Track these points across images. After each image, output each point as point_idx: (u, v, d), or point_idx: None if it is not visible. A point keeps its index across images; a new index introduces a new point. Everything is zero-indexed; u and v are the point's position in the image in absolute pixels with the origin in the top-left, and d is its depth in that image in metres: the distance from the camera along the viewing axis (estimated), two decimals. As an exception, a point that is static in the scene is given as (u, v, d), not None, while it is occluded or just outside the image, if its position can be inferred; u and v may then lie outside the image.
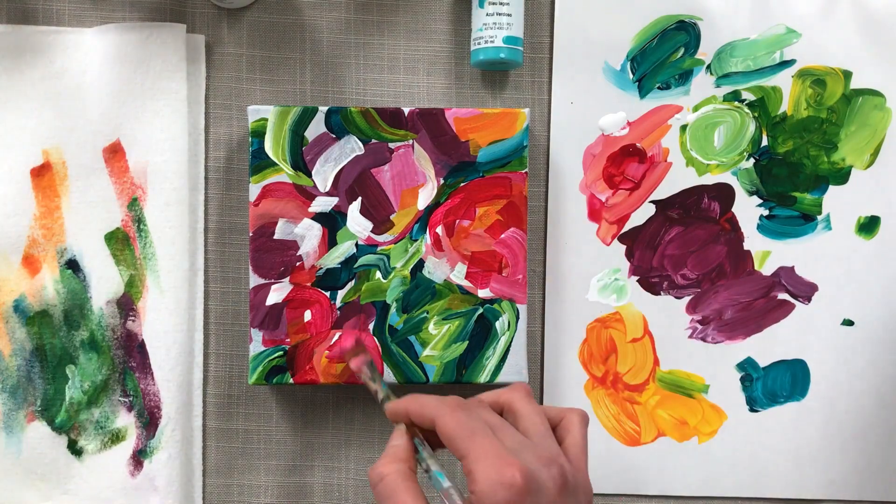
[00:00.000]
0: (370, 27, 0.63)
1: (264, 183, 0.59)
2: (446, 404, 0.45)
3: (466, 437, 0.43)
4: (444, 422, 0.44)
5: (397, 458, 0.45)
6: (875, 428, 0.64)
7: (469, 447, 0.42)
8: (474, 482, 0.41)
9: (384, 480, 0.44)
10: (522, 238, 0.60)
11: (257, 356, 0.59)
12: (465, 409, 0.44)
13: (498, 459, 0.41)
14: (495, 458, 0.41)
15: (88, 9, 0.62)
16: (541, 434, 0.44)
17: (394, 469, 0.44)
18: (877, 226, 0.63)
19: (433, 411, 0.45)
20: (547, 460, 0.42)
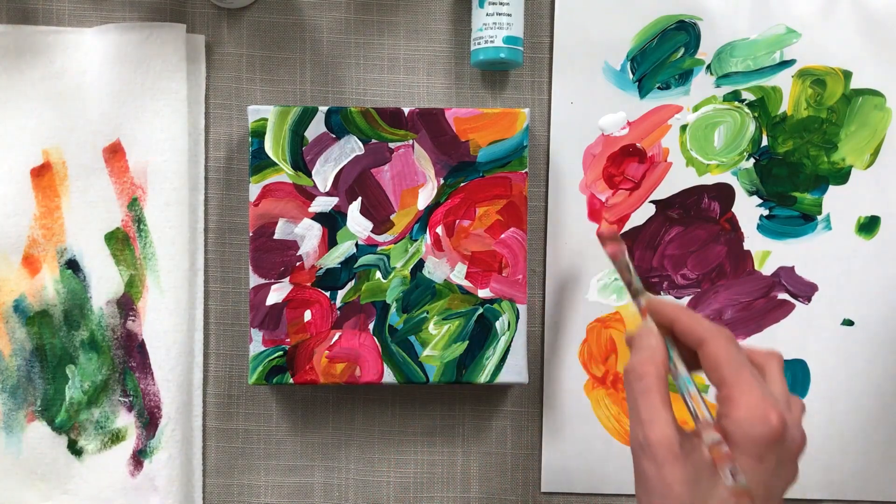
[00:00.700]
0: (370, 27, 0.63)
1: (264, 183, 0.59)
2: (719, 330, 0.46)
3: (736, 368, 0.44)
4: (716, 346, 0.45)
5: (655, 362, 0.46)
6: (875, 428, 0.64)
7: (737, 379, 0.44)
8: (735, 409, 0.43)
9: (643, 380, 0.45)
10: (522, 238, 0.60)
11: (257, 356, 0.59)
12: (735, 343, 0.46)
13: (763, 399, 0.43)
14: (761, 397, 0.43)
15: (88, 9, 0.62)
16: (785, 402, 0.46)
17: (653, 370, 0.45)
18: (877, 226, 0.63)
19: (705, 332, 0.46)
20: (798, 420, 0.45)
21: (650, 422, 0.44)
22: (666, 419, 0.44)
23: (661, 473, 0.43)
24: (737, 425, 0.43)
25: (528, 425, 0.64)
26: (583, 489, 0.63)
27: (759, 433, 0.43)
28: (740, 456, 0.43)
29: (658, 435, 0.44)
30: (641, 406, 0.45)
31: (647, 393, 0.45)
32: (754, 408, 0.43)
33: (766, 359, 0.48)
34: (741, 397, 0.44)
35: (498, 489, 0.64)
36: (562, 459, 0.63)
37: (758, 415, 0.43)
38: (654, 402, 0.45)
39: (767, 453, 0.43)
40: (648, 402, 0.45)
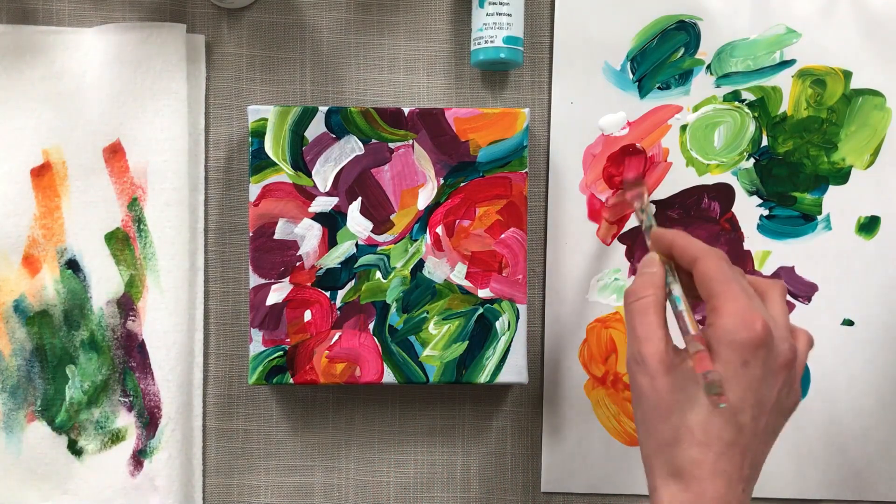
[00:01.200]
0: (370, 27, 0.63)
1: (264, 183, 0.59)
2: (712, 250, 0.48)
3: (724, 280, 0.46)
4: (707, 262, 0.47)
5: (654, 285, 0.49)
6: (875, 428, 0.64)
7: (723, 290, 0.46)
8: (719, 316, 0.45)
9: (641, 301, 0.48)
10: (522, 238, 0.60)
11: (257, 356, 0.59)
12: (727, 261, 0.48)
13: (748, 307, 0.45)
14: (745, 305, 0.45)
15: (88, 9, 0.62)
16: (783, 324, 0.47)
17: (651, 293, 0.48)
18: (877, 226, 0.63)
19: (698, 251, 0.48)
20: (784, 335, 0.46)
21: (645, 338, 0.47)
22: (660, 336, 0.47)
23: (654, 384, 0.46)
24: (721, 331, 0.45)
25: (528, 425, 0.64)
26: (583, 489, 0.63)
27: (742, 338, 0.44)
28: (725, 362, 0.44)
29: (652, 350, 0.46)
30: (638, 324, 0.48)
31: (644, 312, 0.48)
32: (738, 315, 0.45)
33: (768, 286, 0.49)
34: (725, 305, 0.45)
35: (498, 489, 0.64)
36: (562, 459, 0.63)
37: (741, 321, 0.44)
38: (651, 320, 0.47)
39: (752, 359, 0.44)
40: (645, 320, 0.47)
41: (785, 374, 0.46)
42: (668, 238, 0.51)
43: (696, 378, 0.45)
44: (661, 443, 0.46)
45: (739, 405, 0.44)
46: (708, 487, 0.44)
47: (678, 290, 0.49)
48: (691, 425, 0.45)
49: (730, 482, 0.44)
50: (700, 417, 0.45)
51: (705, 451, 0.44)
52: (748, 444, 0.45)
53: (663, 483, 0.46)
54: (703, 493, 0.44)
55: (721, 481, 0.44)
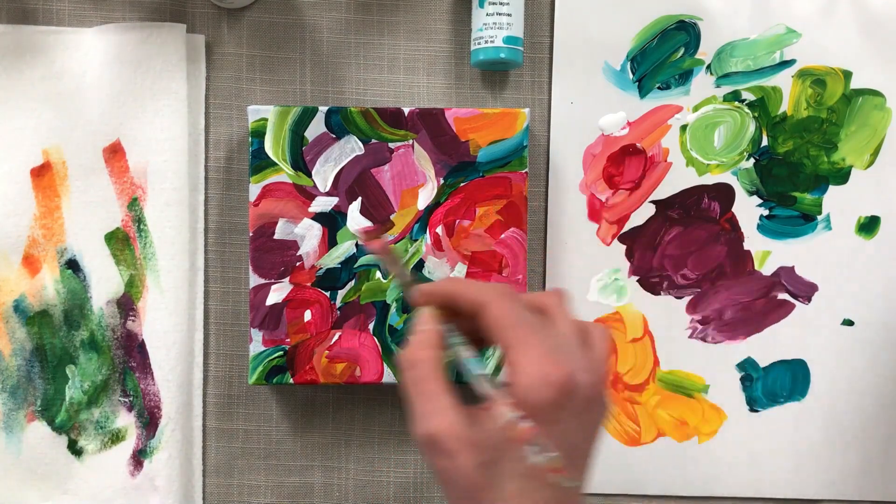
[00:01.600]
0: (370, 27, 0.63)
1: (264, 183, 0.59)
2: (496, 290, 0.43)
3: (515, 327, 0.41)
4: (494, 308, 0.42)
5: (429, 345, 0.43)
6: (875, 428, 0.64)
7: (517, 338, 0.41)
8: (518, 374, 0.40)
9: (416, 367, 0.42)
10: (522, 238, 0.60)
11: (257, 356, 0.59)
12: (513, 299, 0.42)
13: (545, 357, 0.40)
14: (542, 355, 0.40)
15: (88, 9, 0.62)
16: (574, 343, 0.43)
17: (426, 356, 0.42)
18: (877, 226, 0.63)
19: (483, 296, 0.42)
20: (584, 368, 0.41)
21: (431, 413, 0.40)
22: (446, 406, 0.40)
23: (457, 465, 0.39)
24: (522, 393, 0.40)
25: (528, 425, 0.64)
26: (583, 489, 0.63)
27: (542, 398, 0.39)
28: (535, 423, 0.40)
29: (442, 425, 0.40)
30: (417, 397, 0.41)
31: (422, 381, 0.41)
32: (537, 371, 0.40)
33: (547, 299, 0.45)
34: (523, 360, 0.40)
35: (498, 489, 0.64)
36: (562, 459, 0.63)
37: (541, 377, 0.39)
38: (431, 389, 0.41)
39: (560, 413, 0.40)
40: (425, 391, 0.41)
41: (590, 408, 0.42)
42: (444, 291, 0.44)
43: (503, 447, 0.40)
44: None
45: None
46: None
47: (467, 351, 0.43)
48: (508, 498, 0.40)
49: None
50: (517, 487, 0.40)
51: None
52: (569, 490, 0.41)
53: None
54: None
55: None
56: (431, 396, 0.41)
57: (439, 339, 0.43)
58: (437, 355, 0.42)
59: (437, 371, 0.42)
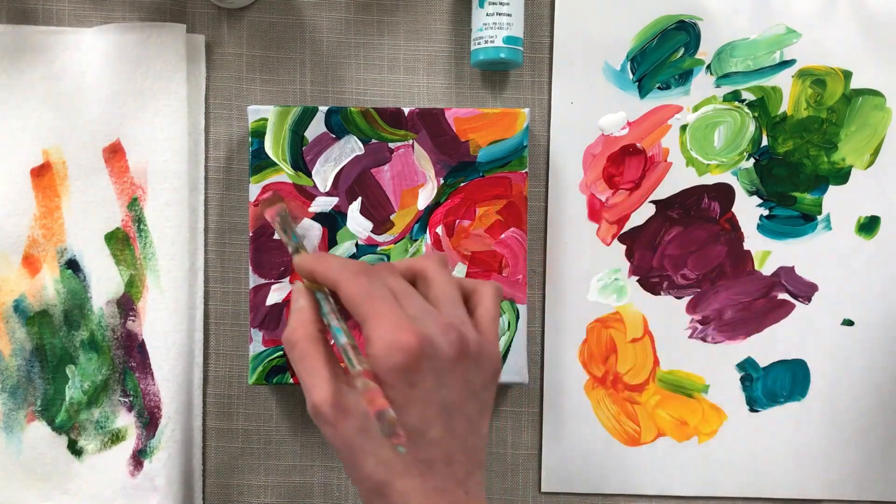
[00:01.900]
0: (370, 27, 0.63)
1: (264, 183, 0.59)
2: (349, 268, 0.44)
3: (366, 301, 0.42)
4: (346, 286, 0.43)
5: (304, 321, 0.45)
6: (875, 428, 0.64)
7: (368, 311, 0.42)
8: (370, 345, 0.42)
9: (296, 347, 0.44)
10: (522, 238, 0.60)
11: (257, 356, 0.59)
12: (369, 275, 0.44)
13: (394, 324, 0.41)
14: (392, 322, 0.41)
15: (88, 9, 0.62)
16: (449, 302, 0.44)
17: (303, 333, 0.44)
18: (877, 226, 0.63)
19: (336, 275, 0.44)
20: (446, 326, 0.43)
21: (312, 386, 0.43)
22: (325, 378, 0.43)
23: (338, 432, 0.42)
24: (376, 360, 0.41)
25: (528, 425, 0.64)
26: (583, 489, 0.63)
27: (396, 362, 0.41)
28: (392, 390, 0.41)
29: (322, 396, 0.42)
30: (302, 373, 0.44)
31: (303, 358, 0.44)
32: (386, 338, 0.41)
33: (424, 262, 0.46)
34: (374, 331, 0.42)
35: (498, 489, 0.64)
36: (562, 459, 0.63)
37: (390, 343, 0.41)
38: (312, 364, 0.43)
39: (416, 375, 0.41)
40: (307, 367, 0.43)
41: (460, 364, 0.43)
42: (307, 267, 0.46)
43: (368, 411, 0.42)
44: (367, 487, 0.43)
45: (424, 424, 0.42)
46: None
47: (335, 320, 0.45)
48: (386, 461, 0.42)
49: (444, 492, 0.42)
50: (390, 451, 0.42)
51: (408, 480, 0.42)
52: (451, 451, 0.43)
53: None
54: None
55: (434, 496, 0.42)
56: (312, 371, 0.43)
57: (314, 313, 0.45)
58: (312, 329, 0.44)
59: (315, 346, 0.44)
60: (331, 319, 0.45)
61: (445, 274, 0.46)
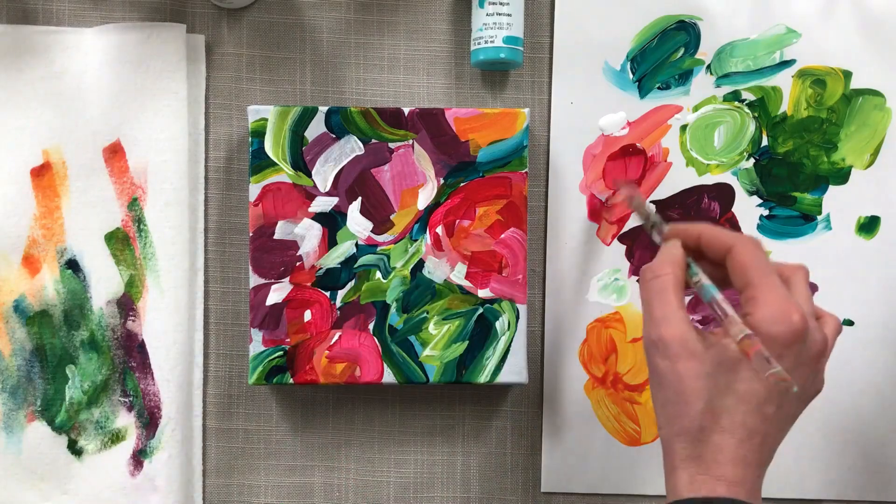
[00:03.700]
0: (370, 27, 0.63)
1: (264, 183, 0.59)
2: (746, 237, 0.48)
3: (761, 270, 0.46)
4: (743, 251, 0.46)
5: (674, 263, 0.48)
6: (875, 428, 0.64)
7: (761, 280, 0.45)
8: (757, 308, 0.44)
9: (660, 278, 0.47)
10: (522, 238, 0.60)
11: (257, 356, 0.59)
12: (759, 247, 0.47)
13: (784, 299, 0.44)
14: (783, 297, 0.45)
15: (88, 9, 0.62)
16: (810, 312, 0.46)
17: (670, 272, 0.47)
18: (877, 226, 0.63)
19: (733, 240, 0.47)
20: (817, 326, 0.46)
21: (664, 319, 0.46)
22: (680, 318, 0.46)
23: (675, 368, 0.45)
24: (759, 323, 0.44)
25: (528, 425, 0.64)
26: (583, 489, 0.63)
27: (780, 331, 0.44)
28: None
29: (672, 332, 0.45)
30: (656, 304, 0.46)
31: (662, 292, 0.46)
32: (777, 307, 0.44)
33: (792, 271, 0.48)
34: (765, 297, 0.45)
35: (498, 489, 0.64)
36: (562, 459, 0.63)
37: (780, 313, 0.44)
38: (670, 300, 0.46)
39: (787, 351, 0.44)
40: (663, 301, 0.46)
41: (814, 366, 0.46)
42: (694, 230, 0.49)
43: (728, 365, 0.44)
44: (684, 428, 0.45)
45: (766, 396, 0.45)
46: (728, 471, 0.44)
47: (706, 278, 0.48)
48: (718, 413, 0.45)
49: (748, 467, 0.45)
50: (728, 405, 0.44)
51: (728, 438, 0.44)
52: (770, 432, 0.45)
53: (682, 465, 0.46)
54: (722, 476, 0.44)
55: (740, 466, 0.44)
56: (668, 307, 0.46)
57: (683, 262, 0.48)
58: (680, 274, 0.47)
59: (677, 287, 0.47)
60: (702, 277, 0.48)
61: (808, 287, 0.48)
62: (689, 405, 0.45)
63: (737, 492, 0.44)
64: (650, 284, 0.47)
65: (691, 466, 0.45)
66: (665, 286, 0.47)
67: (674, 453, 0.46)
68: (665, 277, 0.47)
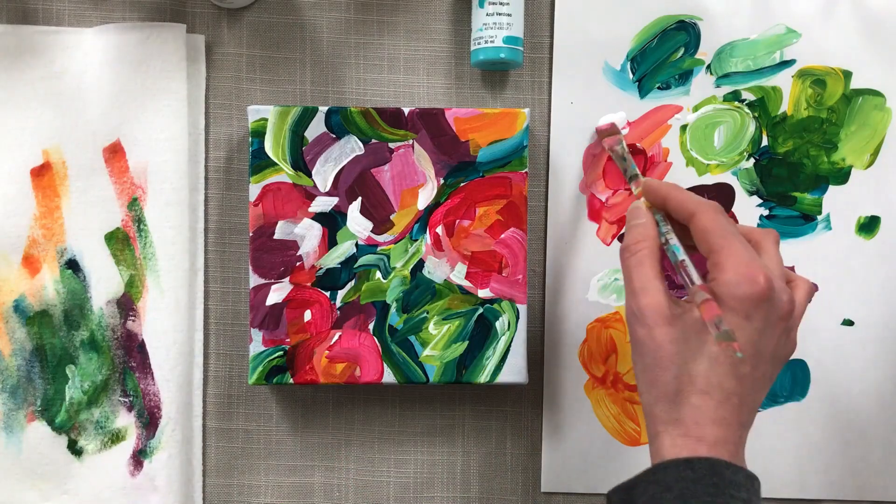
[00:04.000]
0: (370, 27, 0.63)
1: (264, 183, 0.59)
2: (708, 203, 0.49)
3: (724, 235, 0.47)
4: (705, 217, 0.48)
5: (647, 236, 0.50)
6: (875, 428, 0.64)
7: (723, 244, 0.47)
8: (721, 271, 0.46)
9: (636, 254, 0.49)
10: (522, 238, 0.60)
11: (257, 356, 0.59)
12: (720, 213, 0.49)
13: (749, 261, 0.46)
14: (746, 259, 0.46)
15: (88, 9, 0.62)
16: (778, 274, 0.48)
17: (645, 245, 0.49)
18: (877, 226, 0.63)
19: (695, 206, 0.49)
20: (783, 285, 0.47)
21: (642, 290, 0.48)
22: (656, 287, 0.47)
23: (652, 334, 0.47)
24: (724, 286, 0.46)
25: (528, 425, 0.64)
26: (583, 489, 0.63)
27: (744, 292, 0.45)
28: (728, 314, 0.45)
29: (649, 300, 0.47)
30: (634, 277, 0.48)
31: (639, 265, 0.48)
32: (741, 269, 0.46)
33: (761, 235, 0.50)
34: (728, 260, 0.46)
35: (498, 489, 0.64)
36: (562, 459, 0.63)
37: (743, 275, 0.45)
38: (646, 272, 0.48)
39: (754, 311, 0.45)
40: (640, 273, 0.48)
41: (783, 325, 0.47)
42: (662, 192, 0.51)
43: (697, 329, 0.46)
44: (662, 392, 0.47)
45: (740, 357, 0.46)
46: (708, 432, 0.45)
47: (675, 239, 0.50)
48: (693, 375, 0.46)
49: (728, 427, 0.46)
50: (702, 367, 0.46)
51: (706, 400, 0.45)
52: (746, 392, 0.46)
53: (664, 429, 0.47)
54: (703, 437, 0.45)
55: (720, 427, 0.45)
56: (645, 278, 0.48)
57: (655, 230, 0.50)
58: (655, 245, 0.49)
59: (653, 258, 0.49)
60: (670, 237, 0.50)
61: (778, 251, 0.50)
62: (666, 370, 0.46)
63: (719, 451, 0.45)
64: (629, 260, 0.49)
65: (672, 429, 0.46)
66: (641, 259, 0.48)
67: (655, 418, 0.47)
68: (641, 252, 0.49)
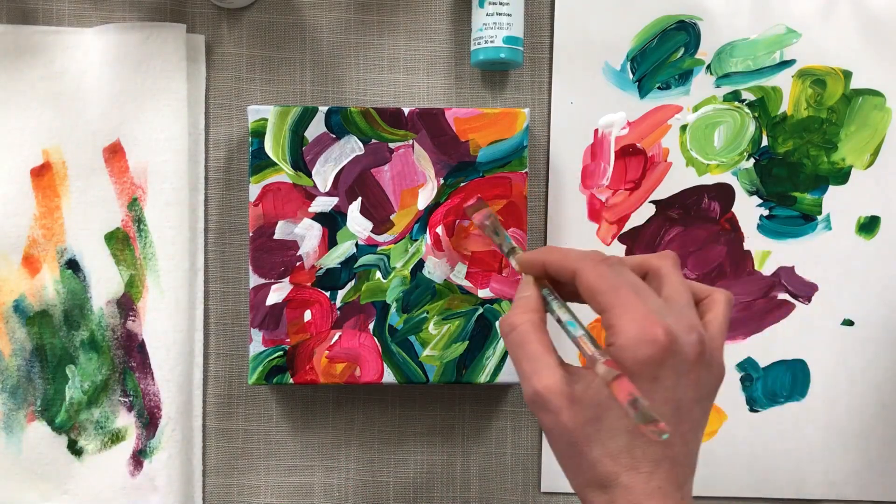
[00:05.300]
0: (370, 27, 0.63)
1: (264, 183, 0.59)
2: (589, 257, 0.44)
3: (610, 291, 0.42)
4: (587, 274, 0.43)
5: (528, 309, 0.44)
6: (875, 428, 0.64)
7: (613, 301, 0.41)
8: (616, 335, 0.41)
9: (516, 330, 0.44)
10: (522, 238, 0.60)
11: (257, 356, 0.59)
12: (609, 265, 0.43)
13: (643, 317, 0.41)
14: (640, 315, 0.41)
15: (88, 9, 0.62)
16: (683, 303, 0.43)
17: (526, 319, 0.44)
18: (877, 226, 0.63)
19: (575, 263, 0.44)
20: (687, 327, 0.42)
21: (534, 373, 0.42)
22: (548, 365, 0.42)
23: (559, 421, 0.41)
24: (622, 351, 0.40)
25: (528, 425, 0.64)
26: (583, 489, 0.63)
27: (645, 354, 0.40)
28: (634, 380, 0.40)
29: (544, 383, 0.42)
30: (521, 359, 0.43)
31: (523, 344, 0.43)
32: (634, 329, 0.40)
33: (658, 262, 0.45)
34: (621, 320, 0.41)
35: (498, 489, 0.64)
36: (562, 459, 0.63)
37: (640, 335, 0.40)
38: (533, 349, 0.43)
39: (660, 371, 0.40)
40: (527, 353, 0.43)
41: (698, 368, 0.42)
42: (538, 259, 0.46)
43: (606, 401, 0.41)
44: (588, 478, 0.42)
45: None
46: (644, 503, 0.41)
47: (567, 314, 0.44)
48: (615, 454, 0.41)
49: (666, 495, 0.41)
50: (621, 444, 0.41)
51: (635, 476, 0.41)
52: (677, 451, 0.42)
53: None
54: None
55: (657, 498, 0.41)
56: (533, 357, 0.42)
57: (537, 303, 0.45)
58: (537, 318, 0.44)
59: (538, 333, 0.43)
60: (561, 313, 0.44)
61: (679, 274, 0.45)
62: (585, 455, 0.42)
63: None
64: (510, 339, 0.44)
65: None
66: (524, 338, 0.43)
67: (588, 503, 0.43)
68: (522, 327, 0.44)
